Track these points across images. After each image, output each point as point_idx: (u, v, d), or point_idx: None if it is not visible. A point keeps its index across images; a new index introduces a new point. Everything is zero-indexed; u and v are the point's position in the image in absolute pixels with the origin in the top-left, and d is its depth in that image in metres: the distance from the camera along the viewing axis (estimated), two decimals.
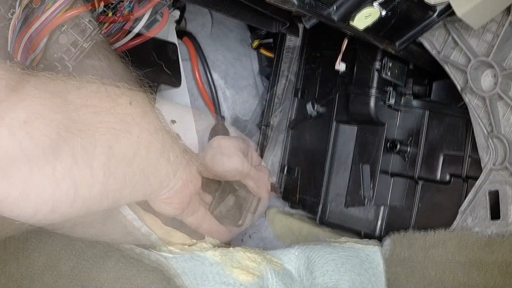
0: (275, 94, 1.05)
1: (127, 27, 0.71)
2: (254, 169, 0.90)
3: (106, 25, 0.71)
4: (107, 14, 0.72)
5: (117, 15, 0.71)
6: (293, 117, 1.01)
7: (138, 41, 0.72)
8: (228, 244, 0.95)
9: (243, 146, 0.95)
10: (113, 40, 0.71)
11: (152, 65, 0.87)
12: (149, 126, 0.59)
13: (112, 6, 0.72)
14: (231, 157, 0.89)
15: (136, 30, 0.70)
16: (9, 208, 0.50)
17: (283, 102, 1.04)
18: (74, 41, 0.62)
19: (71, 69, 0.62)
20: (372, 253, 0.78)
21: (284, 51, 1.05)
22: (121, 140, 0.55)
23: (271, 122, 1.06)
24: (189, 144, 1.04)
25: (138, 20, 0.70)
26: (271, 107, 1.06)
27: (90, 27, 0.62)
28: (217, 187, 0.85)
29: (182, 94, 1.04)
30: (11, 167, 0.47)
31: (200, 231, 0.81)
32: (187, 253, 0.69)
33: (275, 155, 1.04)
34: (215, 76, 1.10)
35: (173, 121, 1.04)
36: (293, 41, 1.03)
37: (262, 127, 1.07)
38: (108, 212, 0.58)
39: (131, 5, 0.70)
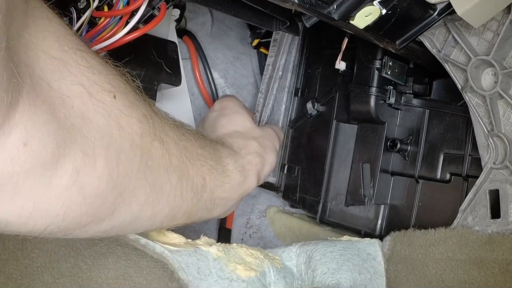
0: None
1: (123, 21, 0.70)
2: (258, 128, 0.87)
3: (102, 19, 0.71)
4: (103, 9, 0.72)
5: (113, 9, 0.71)
6: (293, 117, 1.01)
7: (134, 35, 0.71)
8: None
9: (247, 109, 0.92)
10: (109, 34, 0.70)
11: (152, 64, 0.87)
12: (137, 114, 0.59)
13: (107, 1, 0.72)
14: (233, 115, 0.86)
15: (132, 23, 0.69)
16: (20, 227, 0.51)
17: (263, 92, 1.02)
18: None
19: None
20: (373, 252, 0.79)
21: (271, 45, 1.04)
22: (115, 136, 0.55)
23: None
24: None
25: (134, 13, 0.70)
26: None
27: None
28: None
29: (182, 93, 1.04)
30: (17, 188, 0.47)
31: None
32: (190, 247, 0.69)
33: None
34: (215, 75, 1.10)
35: None
36: (280, 34, 1.02)
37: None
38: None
39: None
